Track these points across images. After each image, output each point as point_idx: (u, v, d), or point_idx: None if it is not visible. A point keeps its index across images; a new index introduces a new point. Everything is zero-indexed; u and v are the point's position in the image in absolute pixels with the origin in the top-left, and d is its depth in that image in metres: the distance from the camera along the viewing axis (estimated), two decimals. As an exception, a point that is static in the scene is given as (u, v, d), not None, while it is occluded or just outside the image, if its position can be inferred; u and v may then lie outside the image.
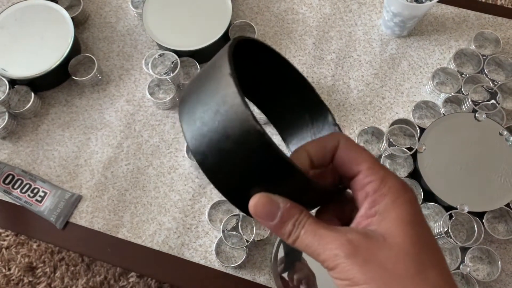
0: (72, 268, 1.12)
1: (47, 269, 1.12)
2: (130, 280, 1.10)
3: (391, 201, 0.28)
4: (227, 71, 0.27)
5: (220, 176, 0.29)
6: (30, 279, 1.12)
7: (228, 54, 0.28)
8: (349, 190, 0.32)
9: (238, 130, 0.27)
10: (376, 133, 0.67)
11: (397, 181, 0.29)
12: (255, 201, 0.28)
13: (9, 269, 1.13)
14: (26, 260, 1.14)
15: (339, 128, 0.36)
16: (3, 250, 1.15)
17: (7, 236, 1.16)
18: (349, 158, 0.30)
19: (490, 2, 1.36)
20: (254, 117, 0.26)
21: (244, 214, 0.61)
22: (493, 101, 0.65)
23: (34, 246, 1.14)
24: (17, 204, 0.64)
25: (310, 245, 0.28)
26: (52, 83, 0.71)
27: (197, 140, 0.28)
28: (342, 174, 0.31)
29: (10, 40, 0.69)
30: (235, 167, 0.28)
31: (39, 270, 1.13)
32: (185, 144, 0.65)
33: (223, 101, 0.27)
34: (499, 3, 1.37)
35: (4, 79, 0.67)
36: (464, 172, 0.61)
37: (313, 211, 0.33)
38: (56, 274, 1.12)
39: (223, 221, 0.61)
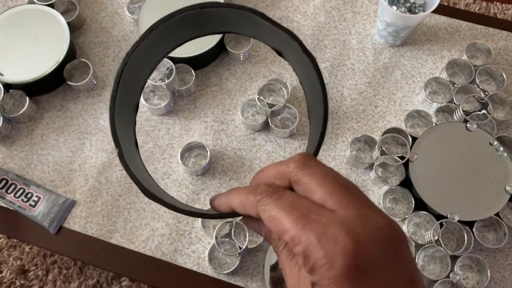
0: (65, 271, 1.12)
1: (39, 272, 1.12)
2: (123, 283, 1.10)
3: None
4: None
5: None
6: (22, 282, 1.12)
7: None
8: None
9: None
10: (368, 142, 0.68)
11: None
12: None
13: (1, 272, 1.13)
14: (18, 263, 1.13)
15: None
16: (-5, 252, 1.15)
17: (-1, 238, 1.16)
18: None
19: (483, 12, 1.37)
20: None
21: (238, 221, 0.61)
22: (484, 111, 0.66)
23: (27, 249, 1.14)
24: (11, 208, 0.64)
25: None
26: (47, 87, 0.71)
27: None
28: None
29: (5, 44, 0.69)
30: None
31: (31, 273, 1.12)
32: (179, 150, 0.65)
33: None
34: (492, 11, 1.39)
35: (-1, 83, 0.67)
36: (455, 181, 0.62)
37: None
38: (49, 277, 1.11)
39: (216, 227, 0.61)
